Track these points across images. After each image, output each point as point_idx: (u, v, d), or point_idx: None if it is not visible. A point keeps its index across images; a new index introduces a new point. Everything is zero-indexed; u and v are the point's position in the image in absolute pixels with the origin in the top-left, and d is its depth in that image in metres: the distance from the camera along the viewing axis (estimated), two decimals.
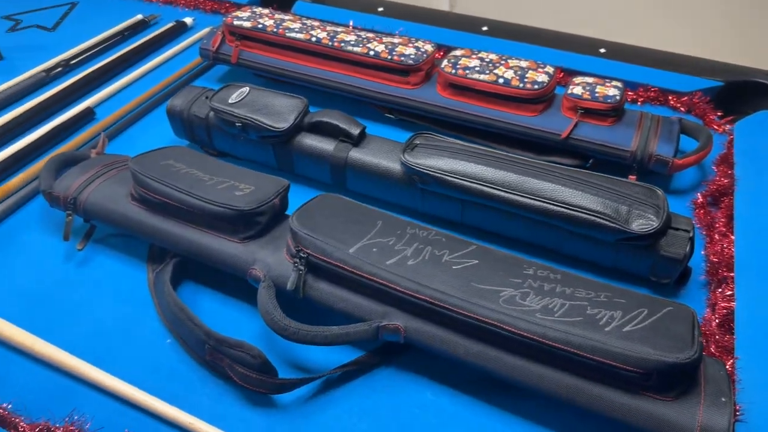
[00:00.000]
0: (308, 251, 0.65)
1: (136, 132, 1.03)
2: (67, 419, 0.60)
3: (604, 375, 0.56)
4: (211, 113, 0.90)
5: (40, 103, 1.05)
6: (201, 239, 0.71)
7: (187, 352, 0.67)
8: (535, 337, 0.56)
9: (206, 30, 1.31)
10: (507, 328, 0.57)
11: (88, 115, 1.04)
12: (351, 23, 1.24)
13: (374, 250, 0.65)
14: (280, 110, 0.86)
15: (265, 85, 0.93)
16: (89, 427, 0.60)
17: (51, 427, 0.59)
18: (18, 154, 0.94)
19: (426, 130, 0.89)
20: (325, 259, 0.64)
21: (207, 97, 0.92)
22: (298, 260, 0.66)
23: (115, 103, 1.09)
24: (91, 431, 0.60)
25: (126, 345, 0.69)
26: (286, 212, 0.75)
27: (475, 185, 0.74)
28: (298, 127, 0.86)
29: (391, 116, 1.04)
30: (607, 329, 0.56)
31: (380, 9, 1.34)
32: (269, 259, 0.68)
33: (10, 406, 0.61)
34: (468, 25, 1.27)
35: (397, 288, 0.61)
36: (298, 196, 0.77)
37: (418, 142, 0.81)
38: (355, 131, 0.84)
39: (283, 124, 0.85)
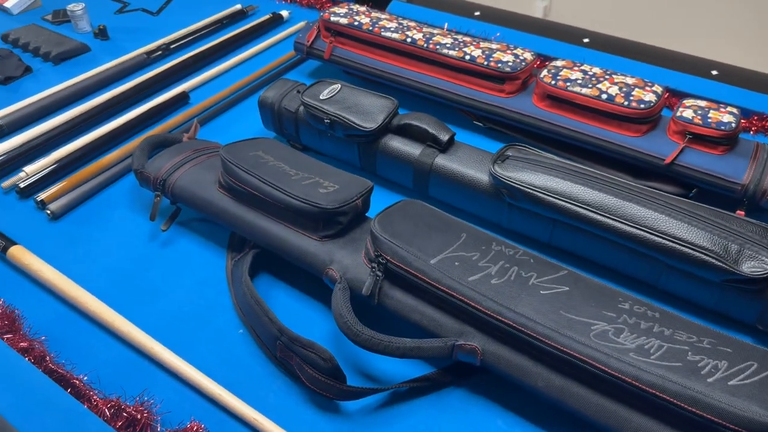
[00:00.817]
0: (387, 257, 0.63)
1: (227, 120, 1.05)
2: (137, 399, 0.61)
3: (701, 431, 0.50)
4: (301, 108, 0.90)
5: (138, 84, 1.09)
6: (281, 233, 0.70)
7: (258, 345, 0.67)
8: (626, 379, 0.52)
9: (301, 24, 1.32)
10: (596, 365, 0.53)
11: (182, 99, 1.06)
12: (446, 26, 1.21)
13: (456, 263, 0.62)
14: (369, 110, 0.85)
15: (354, 83, 0.92)
16: (157, 409, 0.60)
17: (122, 404, 0.60)
18: (115, 131, 0.98)
19: (518, 141, 0.85)
20: (404, 267, 0.62)
21: (298, 92, 0.92)
22: (376, 265, 0.64)
23: (208, 90, 1.12)
24: (159, 414, 0.60)
25: (199, 330, 0.69)
26: (367, 214, 0.74)
27: (569, 205, 0.70)
28: (385, 128, 0.84)
29: (480, 124, 1.00)
30: (709, 380, 0.51)
31: (477, 13, 1.31)
32: (347, 261, 0.67)
33: (86, 378, 0.62)
34: (568, 35, 1.21)
35: (478, 307, 0.58)
36: (378, 199, 0.75)
37: (509, 154, 0.77)
38: (444, 137, 0.81)
39: (371, 124, 0.83)
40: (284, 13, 1.35)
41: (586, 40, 1.20)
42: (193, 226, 0.83)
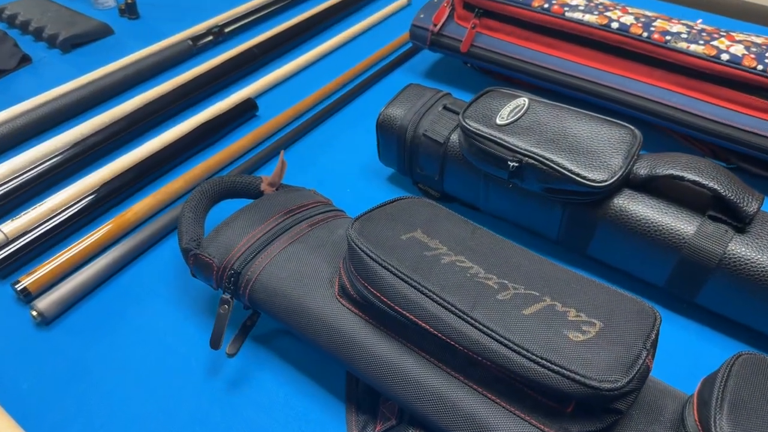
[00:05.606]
0: None
1: (311, 144, 0.69)
2: None
3: None
4: (454, 135, 0.54)
5: (181, 86, 0.74)
6: (480, 412, 0.35)
7: None
8: None
9: (402, 1, 0.96)
10: None
11: (248, 111, 0.70)
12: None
13: None
14: (591, 146, 0.48)
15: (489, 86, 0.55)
16: None
17: None
18: (145, 163, 0.62)
19: None
20: None
21: (447, 108, 0.56)
22: None
23: (280, 96, 0.76)
24: None
25: None
26: None
27: None
28: (624, 181, 0.48)
29: (723, 164, 0.63)
30: None
31: None
32: None
33: None
34: None
35: None
36: None
37: None
38: (750, 207, 0.44)
39: (601, 174, 0.46)
40: None
41: None
42: (277, 346, 0.47)
